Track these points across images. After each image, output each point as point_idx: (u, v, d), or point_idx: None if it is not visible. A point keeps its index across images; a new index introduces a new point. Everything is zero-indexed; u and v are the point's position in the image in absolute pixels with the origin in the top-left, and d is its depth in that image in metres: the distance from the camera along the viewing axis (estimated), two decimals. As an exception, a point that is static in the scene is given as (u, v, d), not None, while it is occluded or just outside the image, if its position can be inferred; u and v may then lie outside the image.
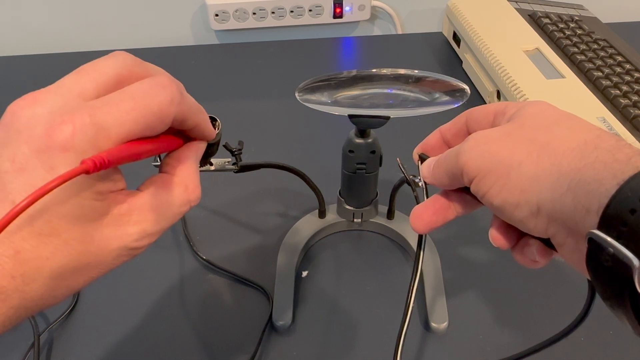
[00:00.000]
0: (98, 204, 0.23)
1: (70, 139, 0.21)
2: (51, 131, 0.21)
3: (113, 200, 0.24)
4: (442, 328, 0.45)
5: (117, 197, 0.24)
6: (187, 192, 0.27)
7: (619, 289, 0.21)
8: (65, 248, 0.22)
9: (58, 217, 0.22)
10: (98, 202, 0.23)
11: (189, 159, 0.28)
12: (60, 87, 0.23)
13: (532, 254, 0.28)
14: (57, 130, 0.21)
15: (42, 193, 0.20)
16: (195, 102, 0.27)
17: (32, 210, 0.21)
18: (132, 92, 0.23)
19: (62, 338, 0.45)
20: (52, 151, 0.21)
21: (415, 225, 0.32)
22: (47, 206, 0.22)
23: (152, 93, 0.24)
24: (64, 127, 0.21)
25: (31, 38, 0.87)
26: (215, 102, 0.72)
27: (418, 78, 0.42)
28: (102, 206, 0.23)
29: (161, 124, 0.24)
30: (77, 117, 0.22)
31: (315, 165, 0.54)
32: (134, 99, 0.23)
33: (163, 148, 0.27)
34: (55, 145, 0.21)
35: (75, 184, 0.22)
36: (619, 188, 0.21)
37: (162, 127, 0.25)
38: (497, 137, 0.27)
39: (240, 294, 0.49)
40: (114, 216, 0.24)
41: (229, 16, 0.84)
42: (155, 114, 0.24)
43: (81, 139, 0.21)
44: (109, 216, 0.24)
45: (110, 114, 0.22)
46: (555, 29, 0.73)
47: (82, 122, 0.22)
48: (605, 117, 0.58)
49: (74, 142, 0.21)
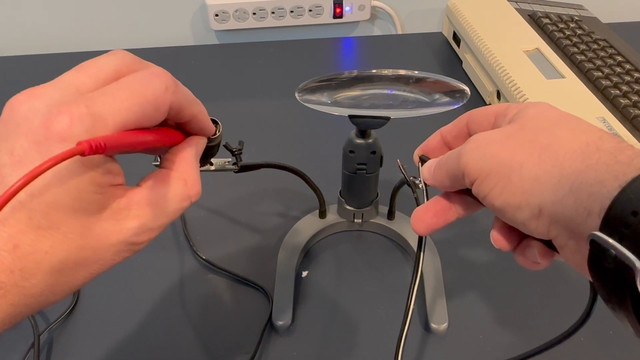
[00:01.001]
0: (97, 197, 0.23)
1: (67, 129, 0.21)
2: (49, 123, 0.22)
3: (112, 194, 0.24)
4: (442, 329, 0.45)
5: (116, 191, 0.24)
6: (186, 187, 0.27)
7: (621, 291, 0.21)
8: (64, 242, 0.22)
9: (57, 210, 0.22)
10: (97, 195, 0.23)
11: (189, 154, 0.28)
12: (58, 82, 0.24)
13: (533, 256, 0.28)
14: (55, 121, 0.21)
15: (37, 173, 0.20)
16: (192, 94, 0.27)
17: (30, 203, 0.21)
18: (127, 82, 0.24)
19: (62, 338, 0.45)
20: (51, 142, 0.21)
21: (417, 227, 0.32)
22: (45, 199, 0.22)
23: (146, 82, 0.24)
24: (61, 118, 0.22)
25: (31, 38, 0.87)
26: (215, 102, 0.72)
27: (418, 79, 0.42)
28: (102, 200, 0.23)
29: (157, 112, 0.25)
30: (74, 108, 0.22)
31: (315, 165, 0.54)
32: (129, 89, 0.23)
33: (162, 141, 0.27)
34: (53, 136, 0.21)
35: (73, 175, 0.22)
36: (621, 190, 0.21)
37: (158, 116, 0.25)
38: (498, 139, 0.27)
39: (240, 294, 0.49)
40: (113, 210, 0.24)
41: (229, 16, 0.84)
42: (151, 102, 0.24)
43: (79, 129, 0.22)
44: (108, 210, 0.24)
45: (107, 103, 0.23)
46: (555, 29, 0.73)
47: (79, 112, 0.22)
48: (605, 117, 0.58)
49: (71, 132, 0.21)
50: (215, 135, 0.32)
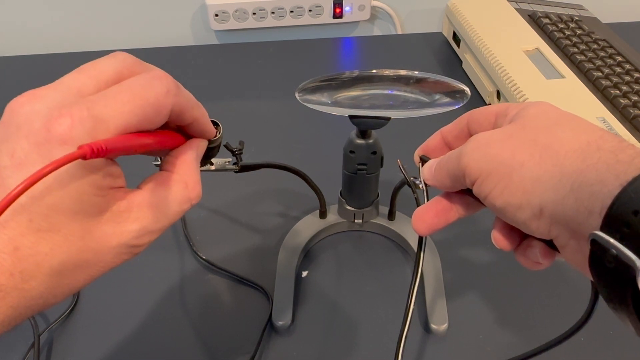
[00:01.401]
0: (98, 199, 0.23)
1: (68, 132, 0.21)
2: (50, 125, 0.21)
3: (112, 196, 0.24)
4: (442, 330, 0.45)
5: (117, 194, 0.24)
6: (187, 190, 0.27)
7: (622, 290, 0.21)
8: (64, 244, 0.22)
9: (57, 212, 0.22)
10: (98, 197, 0.23)
11: (189, 156, 0.28)
12: (59, 85, 0.24)
13: (534, 256, 0.28)
14: (56, 123, 0.21)
15: (38, 177, 0.20)
16: (193, 97, 0.27)
17: (31, 206, 0.21)
18: (129, 85, 0.24)
19: (62, 338, 0.45)
20: (51, 145, 0.21)
21: (418, 227, 0.32)
22: (46, 201, 0.22)
23: (148, 85, 0.24)
24: (62, 120, 0.21)
25: (31, 38, 0.87)
26: (215, 102, 0.72)
27: (418, 79, 0.42)
28: (102, 202, 0.23)
29: (158, 116, 0.25)
30: (75, 111, 0.22)
31: (316, 165, 0.54)
32: (131, 91, 0.23)
33: (163, 143, 0.27)
34: (54, 138, 0.21)
35: (74, 178, 0.22)
36: (622, 189, 0.21)
37: (159, 119, 0.25)
38: (499, 139, 0.27)
39: (240, 294, 0.49)
40: (113, 213, 0.24)
41: (228, 16, 0.84)
42: (152, 105, 0.24)
43: (80, 132, 0.21)
44: (108, 213, 0.24)
45: (108, 106, 0.22)
46: (555, 29, 0.73)
47: (80, 115, 0.22)
48: (605, 117, 0.58)
49: (72, 135, 0.21)
50: (216, 137, 0.32)
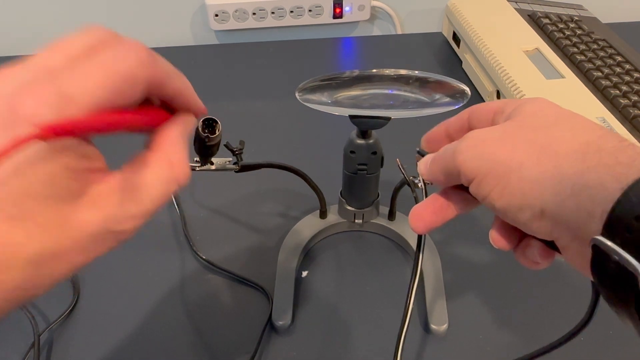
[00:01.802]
0: (72, 182, 0.21)
1: (34, 112, 0.20)
2: (15, 105, 0.20)
3: (89, 179, 0.22)
4: (442, 330, 0.45)
5: (94, 177, 0.22)
6: (172, 169, 0.24)
7: (624, 294, 0.21)
8: (40, 232, 0.21)
9: (28, 198, 0.20)
10: (72, 181, 0.21)
11: (173, 132, 0.26)
12: (28, 63, 0.22)
13: (533, 256, 0.28)
14: (21, 103, 0.20)
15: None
16: (173, 67, 0.25)
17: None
18: (99, 58, 0.22)
19: (62, 338, 0.45)
20: (17, 126, 0.20)
21: (415, 225, 0.31)
22: (16, 188, 0.20)
23: (120, 57, 0.22)
24: (27, 99, 0.20)
25: (31, 38, 0.86)
26: (215, 102, 0.72)
27: (419, 79, 0.42)
28: (77, 186, 0.22)
29: (133, 89, 0.23)
30: (41, 88, 0.20)
31: (316, 165, 0.54)
32: (100, 65, 0.22)
33: (145, 121, 0.25)
34: (20, 119, 0.20)
35: (43, 161, 0.21)
36: (623, 193, 0.21)
37: (134, 93, 0.23)
38: (495, 137, 0.27)
39: (240, 294, 0.49)
40: (90, 197, 0.22)
41: (228, 16, 0.84)
42: (125, 78, 0.22)
43: (46, 111, 0.20)
44: (85, 197, 0.22)
45: (77, 81, 0.21)
46: (555, 29, 0.73)
47: (47, 92, 0.20)
48: (605, 117, 0.58)
49: (38, 115, 0.20)
50: (215, 134, 0.32)
